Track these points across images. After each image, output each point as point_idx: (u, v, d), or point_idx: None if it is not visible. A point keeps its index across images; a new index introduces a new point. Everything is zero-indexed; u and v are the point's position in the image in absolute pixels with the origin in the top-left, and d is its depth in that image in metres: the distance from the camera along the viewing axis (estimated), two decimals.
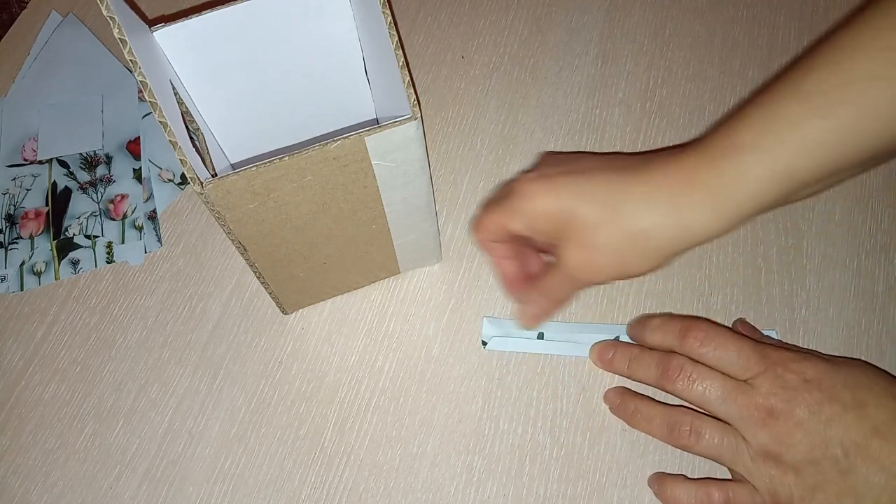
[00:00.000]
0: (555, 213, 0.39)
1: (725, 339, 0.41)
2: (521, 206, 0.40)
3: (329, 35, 0.43)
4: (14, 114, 0.57)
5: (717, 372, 0.40)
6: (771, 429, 0.38)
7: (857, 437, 0.37)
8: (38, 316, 0.50)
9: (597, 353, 0.45)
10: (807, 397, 0.38)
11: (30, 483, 0.45)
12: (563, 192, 0.39)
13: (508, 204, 0.41)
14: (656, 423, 0.42)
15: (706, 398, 0.40)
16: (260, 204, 0.36)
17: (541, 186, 0.40)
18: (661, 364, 0.41)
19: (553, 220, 0.40)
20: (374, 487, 0.44)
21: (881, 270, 0.48)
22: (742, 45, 0.56)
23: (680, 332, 0.42)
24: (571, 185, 0.39)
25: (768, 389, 0.39)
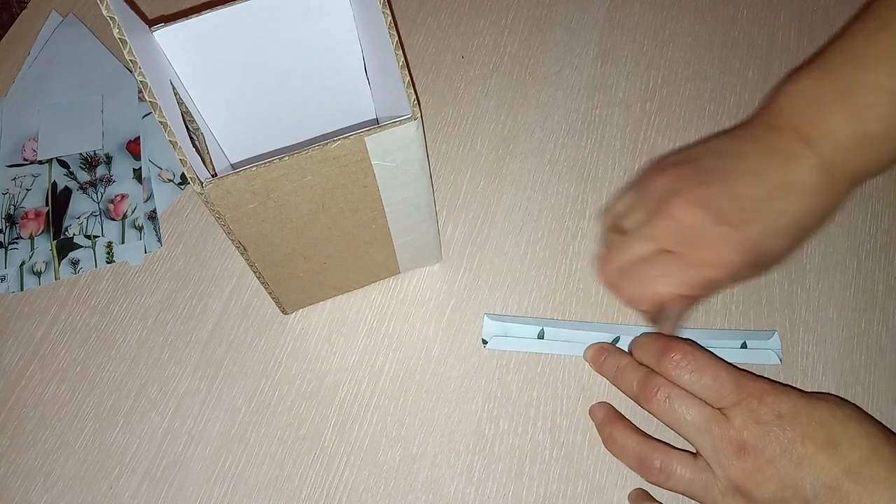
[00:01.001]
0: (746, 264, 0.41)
1: (702, 364, 0.40)
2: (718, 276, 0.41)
3: (329, 35, 0.43)
4: (14, 114, 0.57)
5: (694, 398, 0.40)
6: (742, 464, 0.38)
7: (829, 480, 0.36)
8: (38, 316, 0.50)
9: (591, 354, 0.45)
10: (779, 434, 0.37)
11: (30, 483, 0.45)
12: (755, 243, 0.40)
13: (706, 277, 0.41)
14: (628, 455, 0.42)
15: (680, 423, 0.39)
16: (260, 204, 0.36)
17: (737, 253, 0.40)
18: (641, 382, 0.41)
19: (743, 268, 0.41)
20: (374, 487, 0.44)
21: (881, 270, 0.48)
22: (742, 45, 0.56)
23: (658, 353, 0.41)
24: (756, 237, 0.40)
25: (741, 423, 0.38)
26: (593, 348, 0.45)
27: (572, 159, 0.52)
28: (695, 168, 0.42)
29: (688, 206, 0.41)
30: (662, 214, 0.41)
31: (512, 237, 0.50)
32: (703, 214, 0.40)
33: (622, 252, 0.43)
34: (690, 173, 0.42)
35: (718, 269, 0.41)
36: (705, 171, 0.42)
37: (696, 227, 0.41)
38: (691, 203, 0.41)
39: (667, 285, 0.41)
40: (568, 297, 0.48)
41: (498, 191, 0.52)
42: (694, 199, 0.41)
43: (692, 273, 0.41)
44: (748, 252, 0.40)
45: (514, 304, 0.48)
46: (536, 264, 0.49)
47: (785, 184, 0.40)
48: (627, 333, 0.46)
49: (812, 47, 0.55)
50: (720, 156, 0.42)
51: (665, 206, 0.41)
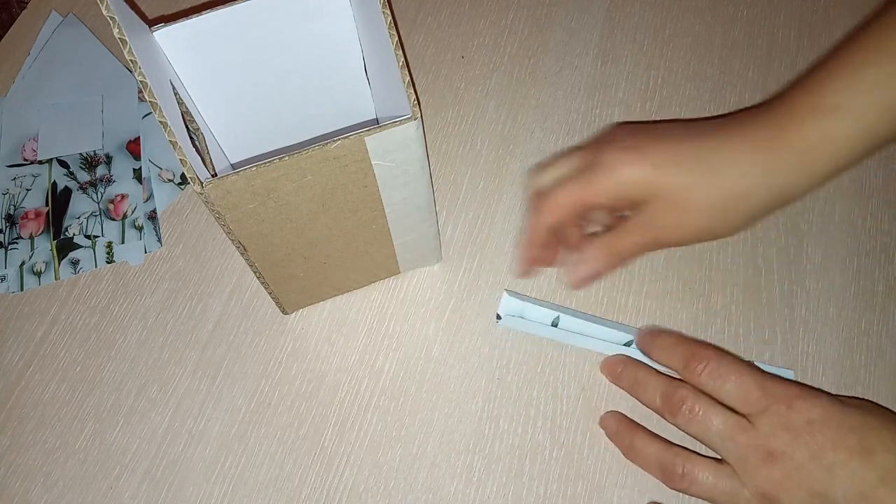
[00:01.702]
0: (647, 181, 0.39)
1: (729, 371, 0.39)
2: (611, 178, 0.40)
3: (329, 35, 0.43)
4: (14, 114, 0.57)
5: (720, 407, 0.39)
6: (770, 471, 0.37)
7: (862, 487, 0.35)
8: (38, 316, 0.50)
9: (607, 365, 0.45)
10: (809, 440, 0.36)
11: (30, 483, 0.45)
12: (655, 159, 0.39)
13: (594, 178, 0.40)
14: (650, 462, 0.41)
15: (707, 435, 0.39)
16: (260, 204, 0.36)
17: (631, 157, 0.39)
18: (665, 395, 0.40)
19: (644, 187, 0.39)
20: (374, 487, 0.44)
21: (881, 270, 0.48)
22: (742, 45, 0.56)
23: (684, 359, 0.40)
24: (663, 152, 0.39)
25: (769, 430, 0.37)
26: (609, 361, 0.45)
27: None
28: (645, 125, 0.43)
29: (622, 129, 0.41)
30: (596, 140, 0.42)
31: (512, 237, 0.50)
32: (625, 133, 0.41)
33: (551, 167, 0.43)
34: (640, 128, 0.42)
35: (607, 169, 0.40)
36: (657, 126, 0.42)
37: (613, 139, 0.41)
38: (626, 129, 0.41)
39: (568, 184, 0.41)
40: (567, 298, 0.48)
41: (498, 191, 0.52)
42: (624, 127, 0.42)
43: (584, 174, 0.41)
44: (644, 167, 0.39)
45: None
46: None
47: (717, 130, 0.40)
48: None
49: (812, 47, 0.55)
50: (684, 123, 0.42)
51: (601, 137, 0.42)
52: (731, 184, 0.38)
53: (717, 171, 0.38)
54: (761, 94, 0.54)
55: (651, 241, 0.41)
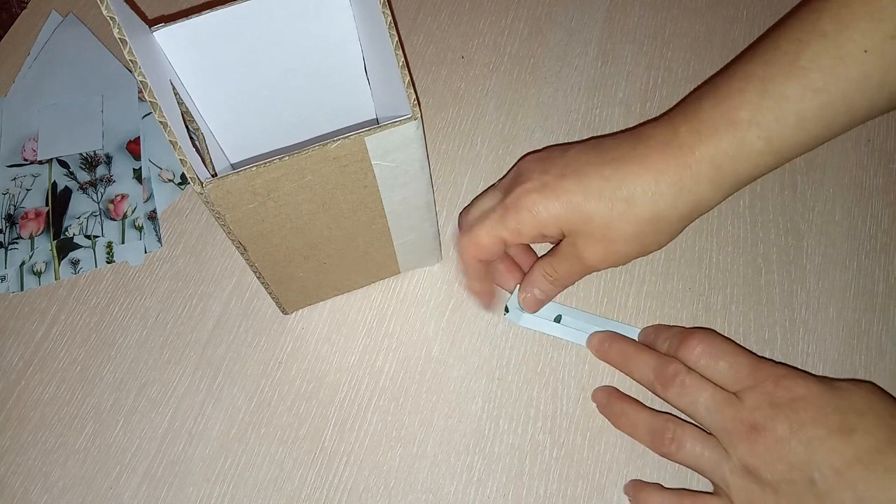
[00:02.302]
0: (565, 217, 0.40)
1: (721, 350, 0.40)
2: (527, 219, 0.40)
3: (329, 35, 0.43)
4: (14, 114, 0.57)
5: (709, 382, 0.40)
6: (752, 444, 0.38)
7: (837, 463, 0.36)
8: (38, 316, 0.50)
9: (595, 341, 0.45)
10: (790, 415, 0.37)
11: (30, 483, 0.45)
12: (569, 196, 0.40)
13: (513, 218, 0.41)
14: (640, 428, 0.42)
15: (695, 408, 0.40)
16: (260, 204, 0.36)
17: (545, 196, 0.40)
18: (657, 369, 0.41)
19: (563, 224, 0.40)
20: (374, 487, 0.44)
21: (881, 270, 0.48)
22: (742, 45, 0.56)
23: (680, 339, 0.42)
24: (576, 187, 0.40)
25: (754, 404, 0.38)
26: (597, 336, 0.45)
27: None
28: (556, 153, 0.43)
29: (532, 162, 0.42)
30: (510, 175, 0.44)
31: None
32: (532, 167, 0.42)
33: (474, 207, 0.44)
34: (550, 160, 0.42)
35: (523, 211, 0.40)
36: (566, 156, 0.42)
37: (520, 175, 0.42)
38: (536, 162, 0.42)
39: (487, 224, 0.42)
40: (567, 298, 0.48)
41: None
42: (531, 160, 0.43)
43: (501, 214, 0.41)
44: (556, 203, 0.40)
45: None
46: None
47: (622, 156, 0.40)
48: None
49: None
50: (592, 146, 0.42)
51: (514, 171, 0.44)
52: (645, 210, 0.39)
53: (629, 200, 0.39)
54: None
55: (584, 269, 0.43)
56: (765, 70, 0.38)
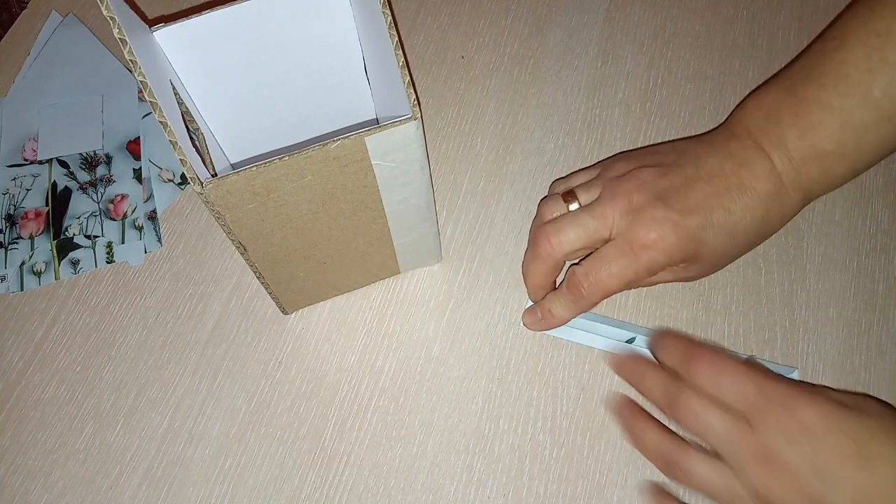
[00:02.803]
0: (693, 253, 0.42)
1: (724, 370, 0.39)
2: (661, 261, 0.42)
3: (329, 35, 0.43)
4: (14, 114, 0.57)
5: (719, 410, 0.39)
6: (764, 474, 0.37)
7: (855, 495, 0.35)
8: (38, 316, 0.50)
9: (614, 361, 0.45)
10: (804, 444, 0.36)
11: (30, 483, 0.45)
12: (699, 234, 0.42)
13: (646, 260, 0.42)
14: (651, 451, 0.41)
15: (705, 433, 0.39)
16: (260, 204, 0.36)
17: (679, 238, 0.41)
18: (667, 391, 0.40)
19: (687, 256, 0.42)
20: (374, 487, 0.44)
21: (881, 270, 0.48)
22: (742, 45, 0.56)
23: (683, 359, 0.41)
24: (704, 224, 0.42)
25: (765, 432, 0.37)
26: (617, 358, 0.45)
27: (572, 159, 0.52)
28: (656, 160, 0.44)
29: (639, 191, 0.42)
30: (615, 196, 0.43)
31: (512, 237, 0.50)
32: (649, 200, 0.42)
33: (567, 224, 0.44)
34: (650, 164, 0.44)
35: (655, 251, 0.41)
36: (665, 165, 0.44)
37: (640, 211, 0.42)
38: (643, 189, 0.42)
39: (609, 276, 0.42)
40: None
41: (498, 191, 0.52)
42: (645, 185, 0.42)
43: (630, 257, 0.42)
44: (686, 239, 0.41)
45: (514, 303, 0.48)
46: None
47: (735, 185, 0.42)
48: (643, 334, 0.46)
49: None
50: (681, 154, 0.44)
51: (619, 187, 0.43)
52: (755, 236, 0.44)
53: (746, 232, 0.43)
54: None
55: (677, 280, 0.45)
56: (841, 102, 0.42)
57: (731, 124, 0.45)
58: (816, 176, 0.43)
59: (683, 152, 0.44)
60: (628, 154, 0.46)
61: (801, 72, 0.44)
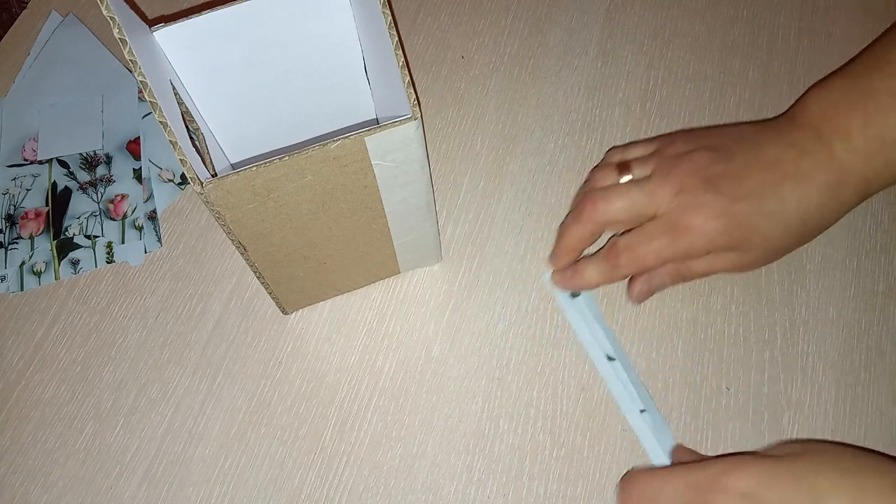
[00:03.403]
0: (741, 239, 0.42)
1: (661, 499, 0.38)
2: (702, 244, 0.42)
3: (329, 35, 0.43)
4: (14, 114, 0.57)
5: None
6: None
7: None
8: (38, 316, 0.50)
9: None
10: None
11: (30, 483, 0.45)
12: (749, 220, 0.42)
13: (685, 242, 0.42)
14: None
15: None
16: (260, 204, 0.36)
17: (724, 223, 0.42)
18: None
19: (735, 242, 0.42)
20: (374, 487, 0.44)
21: (881, 270, 0.48)
22: (742, 45, 0.56)
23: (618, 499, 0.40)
24: (755, 211, 0.42)
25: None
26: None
27: (572, 159, 0.52)
28: (715, 143, 0.44)
29: (693, 174, 0.42)
30: (668, 176, 0.43)
31: (512, 237, 0.50)
32: (702, 184, 0.42)
33: (616, 194, 0.44)
34: (708, 145, 0.44)
35: (695, 234, 0.42)
36: (723, 149, 0.43)
37: (691, 195, 0.42)
38: (697, 173, 0.42)
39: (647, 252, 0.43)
40: None
41: (498, 191, 0.52)
42: (700, 170, 0.42)
43: (671, 237, 0.42)
44: (732, 225, 0.41)
45: (514, 303, 0.48)
46: (536, 264, 0.49)
47: (792, 174, 0.42)
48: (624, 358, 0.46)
49: (812, 47, 0.55)
50: (741, 139, 0.44)
51: (674, 168, 0.43)
52: (815, 226, 0.43)
53: (805, 221, 0.42)
54: (761, 94, 0.54)
55: (725, 272, 0.45)
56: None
57: (793, 113, 0.45)
58: (878, 167, 0.42)
59: (743, 138, 0.44)
60: (688, 134, 0.46)
61: (866, 62, 0.43)
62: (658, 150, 0.45)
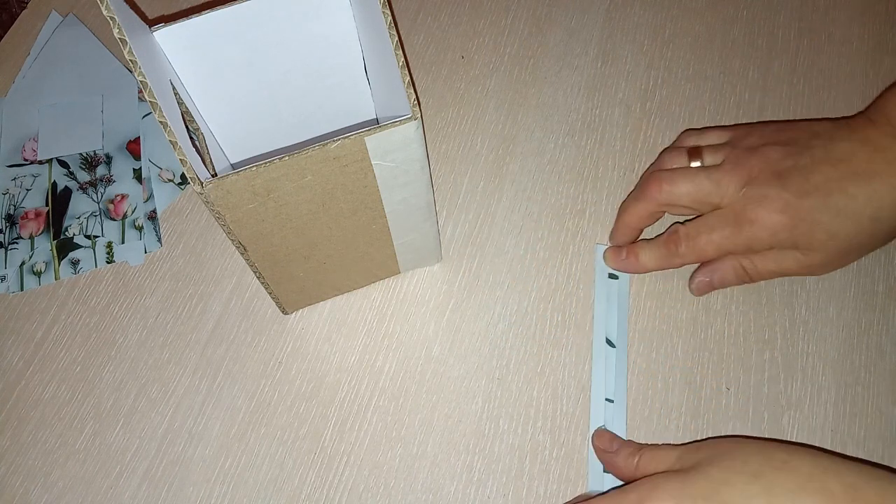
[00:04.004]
0: (805, 236, 0.42)
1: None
2: (764, 238, 0.42)
3: (329, 35, 0.43)
4: (14, 114, 0.57)
5: None
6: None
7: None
8: (38, 316, 0.50)
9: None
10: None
11: (30, 483, 0.45)
12: (814, 216, 0.42)
13: (747, 234, 0.43)
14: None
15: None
16: (260, 204, 0.36)
17: (789, 217, 0.42)
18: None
19: (799, 239, 0.42)
20: (374, 487, 0.44)
21: (881, 270, 0.48)
22: (742, 45, 0.56)
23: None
24: (821, 207, 0.42)
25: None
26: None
27: (572, 159, 0.52)
28: (789, 138, 0.44)
29: (762, 168, 0.43)
30: (737, 167, 0.43)
31: (512, 237, 0.50)
32: (769, 178, 0.42)
33: (683, 178, 0.44)
34: (781, 140, 0.44)
35: (758, 227, 0.42)
36: (796, 145, 0.44)
37: (757, 188, 0.42)
38: (766, 167, 0.43)
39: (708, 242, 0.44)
40: (568, 297, 0.48)
41: (498, 191, 0.52)
42: (770, 164, 0.43)
43: (733, 229, 0.43)
44: (796, 220, 0.42)
45: (515, 304, 0.48)
46: (536, 264, 0.49)
47: (863, 171, 0.41)
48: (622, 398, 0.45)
49: (812, 47, 0.55)
50: (815, 135, 0.44)
51: (744, 160, 0.43)
52: (891, 226, 0.42)
53: (876, 219, 0.41)
54: (761, 94, 0.54)
55: (795, 274, 0.45)
56: None
57: (870, 111, 0.44)
58: None
59: (818, 134, 0.44)
60: (764, 127, 0.46)
61: None
62: (732, 140, 0.46)
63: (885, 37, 0.55)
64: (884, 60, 0.54)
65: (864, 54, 0.55)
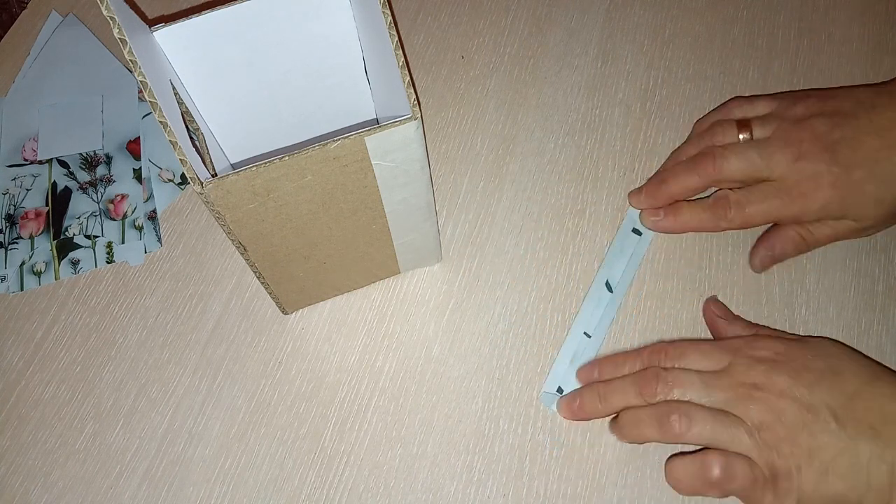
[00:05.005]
0: (855, 207, 0.44)
1: (685, 348, 0.42)
2: (814, 210, 0.44)
3: (329, 35, 0.43)
4: (14, 114, 0.57)
5: (692, 370, 0.41)
6: (759, 401, 0.38)
7: (841, 400, 0.38)
8: (38, 316, 0.50)
9: (564, 405, 0.44)
10: (784, 367, 0.39)
11: (30, 483, 0.45)
12: (863, 187, 0.43)
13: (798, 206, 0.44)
14: (645, 423, 0.40)
15: (689, 396, 0.40)
16: (260, 204, 0.36)
17: (838, 190, 0.43)
18: (637, 381, 0.41)
19: (848, 209, 0.44)
20: (374, 487, 0.44)
21: (881, 270, 0.48)
22: (742, 45, 0.56)
23: (643, 355, 0.42)
24: (869, 178, 0.43)
25: (744, 369, 0.40)
26: (563, 400, 0.44)
27: (572, 159, 0.52)
28: (834, 107, 0.45)
29: (812, 141, 0.44)
30: (787, 141, 0.44)
31: (512, 237, 0.50)
32: (820, 153, 0.43)
33: (736, 155, 0.45)
34: (827, 111, 0.45)
35: (809, 200, 0.43)
36: (841, 114, 0.44)
37: (808, 162, 0.44)
38: (816, 141, 0.44)
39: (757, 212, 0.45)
40: (567, 297, 0.48)
41: (498, 191, 0.52)
42: (819, 138, 0.44)
43: (783, 200, 0.44)
44: (846, 192, 0.43)
45: (515, 304, 0.48)
46: (536, 264, 0.49)
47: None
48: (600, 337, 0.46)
49: (812, 47, 0.55)
50: (859, 104, 0.45)
51: (793, 133, 0.45)
52: None
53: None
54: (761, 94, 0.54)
55: (847, 238, 0.46)
56: None
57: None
58: None
59: (861, 102, 0.45)
60: (808, 97, 0.47)
61: None
62: (778, 111, 0.47)
63: (885, 37, 0.55)
64: (884, 60, 0.54)
65: (864, 54, 0.55)
